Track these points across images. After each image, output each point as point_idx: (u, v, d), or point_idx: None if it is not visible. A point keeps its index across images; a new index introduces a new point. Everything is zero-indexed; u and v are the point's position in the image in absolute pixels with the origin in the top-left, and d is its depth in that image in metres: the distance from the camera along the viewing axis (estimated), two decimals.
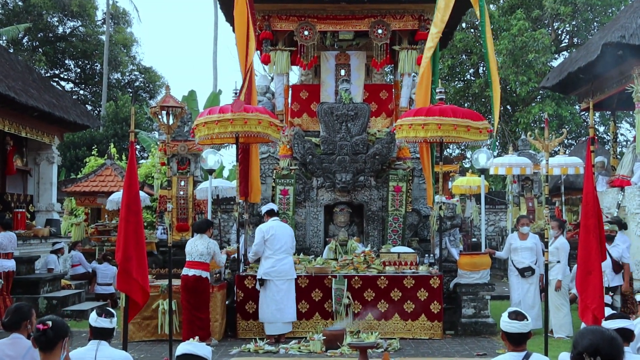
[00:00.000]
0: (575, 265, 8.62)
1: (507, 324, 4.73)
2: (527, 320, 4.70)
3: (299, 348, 9.75)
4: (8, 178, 16.22)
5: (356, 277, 10.81)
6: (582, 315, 6.12)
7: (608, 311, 6.02)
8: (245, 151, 11.80)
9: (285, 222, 12.14)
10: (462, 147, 30.43)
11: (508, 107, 32.13)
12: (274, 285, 10.38)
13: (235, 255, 11.23)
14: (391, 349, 9.68)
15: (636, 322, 5.55)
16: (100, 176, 20.72)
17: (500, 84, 29.94)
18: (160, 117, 9.13)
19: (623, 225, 11.61)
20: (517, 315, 4.74)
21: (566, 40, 32.61)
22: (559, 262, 11.09)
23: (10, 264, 12.39)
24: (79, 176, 23.22)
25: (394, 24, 14.07)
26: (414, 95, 14.29)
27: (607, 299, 7.24)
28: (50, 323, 4.33)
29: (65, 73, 41.04)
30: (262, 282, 10.44)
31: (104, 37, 38.08)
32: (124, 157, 25.57)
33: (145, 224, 20.75)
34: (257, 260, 10.91)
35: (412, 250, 11.68)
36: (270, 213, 10.94)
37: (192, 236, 10.73)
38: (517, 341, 4.72)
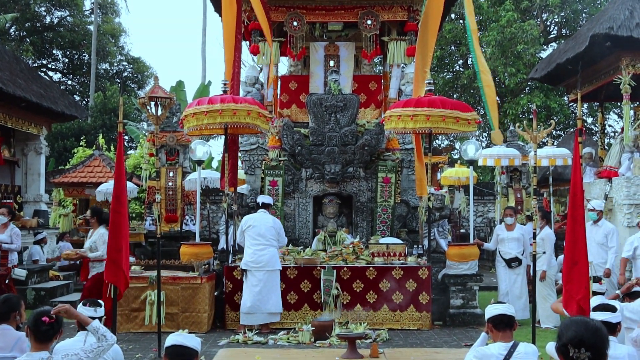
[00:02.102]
0: (561, 256, 8.67)
1: (491, 309, 4.90)
2: (510, 304, 4.91)
3: (288, 339, 9.78)
4: None
5: (345, 268, 10.83)
6: (567, 305, 6.15)
7: (601, 299, 6.06)
8: (234, 142, 11.80)
9: (274, 214, 12.18)
10: (451, 138, 30.50)
11: (497, 98, 32.16)
12: (252, 276, 10.40)
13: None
14: (380, 339, 9.71)
15: (621, 307, 5.61)
16: (88, 167, 20.63)
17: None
18: (148, 107, 9.12)
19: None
20: (498, 302, 4.96)
21: (555, 32, 32.67)
22: (544, 252, 11.16)
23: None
24: (67, 167, 23.08)
25: (383, 14, 14.07)
26: (403, 87, 14.31)
27: (600, 287, 7.29)
28: (54, 317, 4.38)
29: (53, 63, 40.77)
30: (244, 272, 10.48)
31: (92, 27, 37.83)
32: (112, 148, 25.47)
33: (133, 215, 20.73)
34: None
35: (401, 241, 11.71)
36: (258, 205, 11.00)
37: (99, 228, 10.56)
38: (502, 325, 4.83)
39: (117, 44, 41.11)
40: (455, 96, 30.31)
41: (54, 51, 40.16)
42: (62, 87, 34.15)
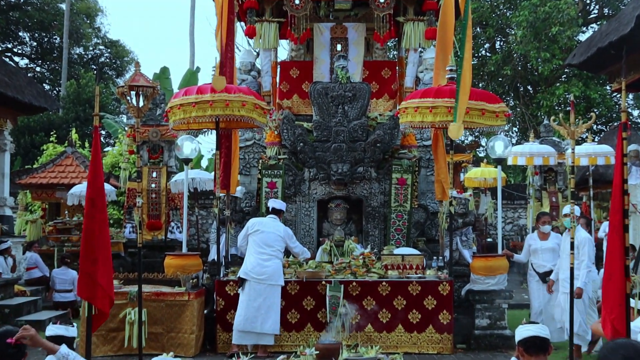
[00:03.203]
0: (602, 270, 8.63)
1: (521, 330, 4.88)
2: (544, 325, 4.86)
3: None
4: None
5: (354, 283, 10.81)
6: (604, 325, 6.11)
7: None
8: (227, 138, 11.79)
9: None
10: (476, 134, 30.49)
11: (529, 87, 32.17)
12: (250, 289, 10.37)
13: None
14: None
15: None
16: (59, 166, 20.67)
17: (519, 60, 29.95)
18: (128, 98, 9.11)
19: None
20: (531, 322, 4.92)
21: (595, 11, 32.67)
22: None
23: None
24: (35, 166, 23.16)
25: None
26: (421, 74, 14.30)
27: None
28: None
29: (20, 47, 40.89)
30: (242, 282, 10.45)
31: (63, 6, 37.94)
32: (87, 145, 25.51)
33: (111, 221, 20.71)
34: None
35: (419, 252, 11.70)
36: (270, 210, 10.99)
37: None
38: (535, 348, 4.81)
39: (93, 25, 41.21)
40: (481, 85, 30.31)
41: (21, 33, 40.27)
42: (29, 75, 34.23)
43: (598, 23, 30.67)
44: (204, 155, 28.38)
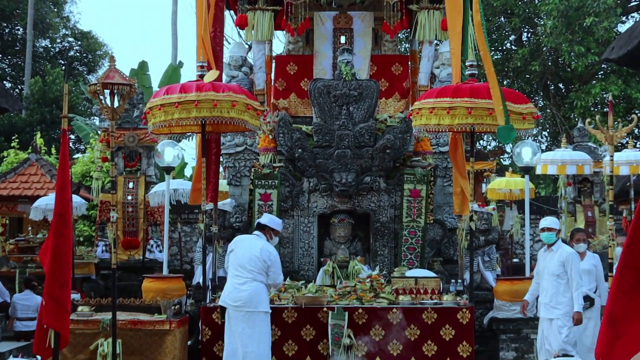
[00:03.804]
0: None
1: None
2: (578, 358, 4.87)
3: None
4: None
5: (360, 310, 10.79)
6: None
7: None
8: (216, 142, 11.81)
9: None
10: None
11: (561, 85, 32.18)
12: (229, 318, 10.15)
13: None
14: None
15: None
16: (22, 175, 20.66)
17: (550, 55, 29.99)
18: (101, 97, 9.13)
19: None
20: (564, 355, 4.93)
21: None
22: None
23: None
24: None
25: None
26: (437, 70, 14.31)
27: None
28: None
29: None
30: (222, 311, 10.28)
31: None
32: (53, 151, 25.52)
33: (81, 238, 20.73)
34: None
35: (434, 275, 11.69)
36: (256, 225, 10.85)
37: None
38: None
39: (61, 14, 41.25)
40: (505, 83, 30.32)
41: None
42: None
43: (639, 12, 30.70)
44: (188, 163, 28.40)
